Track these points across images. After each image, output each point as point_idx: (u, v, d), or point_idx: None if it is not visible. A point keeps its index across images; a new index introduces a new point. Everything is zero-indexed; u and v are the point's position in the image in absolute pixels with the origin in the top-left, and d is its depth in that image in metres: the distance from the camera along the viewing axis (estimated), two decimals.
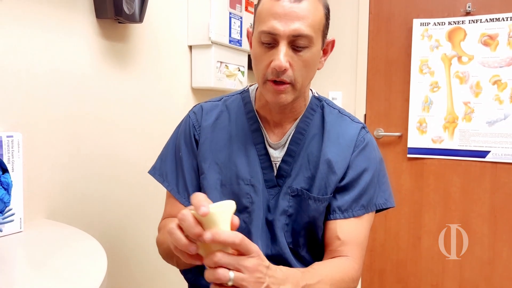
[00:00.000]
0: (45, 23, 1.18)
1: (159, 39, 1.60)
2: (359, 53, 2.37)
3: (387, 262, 2.40)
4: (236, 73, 1.87)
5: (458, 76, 2.16)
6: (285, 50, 0.84)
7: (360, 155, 0.97)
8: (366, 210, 0.97)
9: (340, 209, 0.95)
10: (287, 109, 0.96)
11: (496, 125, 2.09)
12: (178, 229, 0.65)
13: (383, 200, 1.00)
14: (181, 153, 1.02)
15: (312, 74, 0.92)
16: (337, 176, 0.95)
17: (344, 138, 0.98)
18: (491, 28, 2.09)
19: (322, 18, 0.88)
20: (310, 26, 0.84)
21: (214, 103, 1.05)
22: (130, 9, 1.34)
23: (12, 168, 1.03)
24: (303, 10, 0.84)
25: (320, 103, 1.03)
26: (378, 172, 1.00)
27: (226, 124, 1.01)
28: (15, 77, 1.11)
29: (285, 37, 0.84)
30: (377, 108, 2.38)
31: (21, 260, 0.90)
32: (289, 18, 0.83)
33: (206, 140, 1.00)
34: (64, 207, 1.25)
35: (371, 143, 1.00)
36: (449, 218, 2.23)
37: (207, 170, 0.98)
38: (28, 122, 1.14)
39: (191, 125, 1.02)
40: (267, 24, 0.85)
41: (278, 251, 0.96)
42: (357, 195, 0.96)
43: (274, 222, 0.96)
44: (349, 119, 1.03)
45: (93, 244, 0.98)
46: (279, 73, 0.85)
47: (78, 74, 1.28)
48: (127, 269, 1.51)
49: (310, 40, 0.85)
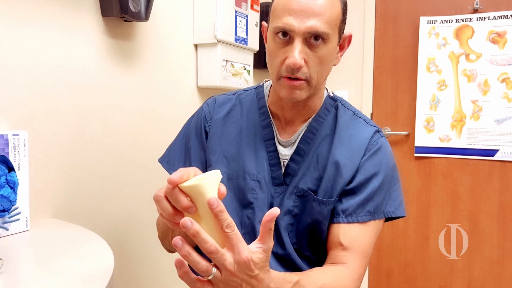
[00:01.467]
0: (51, 22, 1.17)
1: (164, 37, 1.59)
2: (366, 52, 2.36)
3: (394, 262, 2.38)
4: (242, 72, 1.86)
5: (465, 74, 2.14)
6: (300, 47, 0.83)
7: (371, 159, 0.93)
8: (372, 217, 0.92)
9: (344, 213, 0.92)
10: (299, 106, 0.94)
11: (504, 123, 2.07)
12: (165, 198, 0.64)
13: (393, 208, 0.95)
14: (190, 143, 1.02)
15: (328, 70, 0.90)
16: (344, 180, 0.92)
17: (356, 141, 0.94)
18: (499, 26, 2.06)
19: (339, 14, 0.86)
20: (326, 23, 0.82)
21: (228, 97, 1.05)
22: (135, 7, 1.33)
23: (18, 167, 1.02)
24: (319, 6, 0.82)
25: (335, 103, 1.00)
26: (390, 179, 0.95)
27: (238, 118, 1.01)
28: (22, 76, 1.11)
29: (301, 34, 0.82)
30: (384, 107, 2.36)
31: (28, 259, 0.90)
32: (305, 14, 0.81)
33: (216, 133, 1.00)
34: (70, 206, 1.25)
35: (384, 147, 0.96)
36: (457, 217, 2.21)
37: (215, 162, 0.98)
38: (34, 120, 1.14)
39: (202, 117, 1.02)
40: (282, 20, 0.83)
41: (283, 251, 0.95)
42: (363, 200, 0.92)
43: (278, 221, 0.94)
44: (363, 121, 0.99)
45: (100, 243, 0.98)
46: (293, 70, 0.84)
47: (84, 73, 1.28)
48: (134, 268, 1.50)
49: (326, 36, 0.83)
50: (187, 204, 0.62)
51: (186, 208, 0.63)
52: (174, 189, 0.62)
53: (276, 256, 0.95)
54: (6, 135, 0.99)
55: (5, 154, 0.99)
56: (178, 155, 1.04)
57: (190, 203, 0.63)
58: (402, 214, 0.96)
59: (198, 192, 0.62)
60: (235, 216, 0.96)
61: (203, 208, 0.63)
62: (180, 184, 0.62)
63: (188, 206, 0.62)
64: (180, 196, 0.62)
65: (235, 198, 0.97)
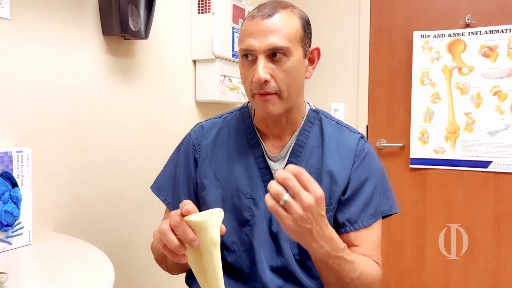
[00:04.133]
0: (53, 41, 1.21)
1: (164, 54, 1.63)
2: (361, 65, 2.40)
3: (391, 273, 2.39)
4: (239, 86, 1.90)
5: (458, 87, 2.18)
6: (263, 63, 0.89)
7: (361, 166, 0.99)
8: (375, 218, 0.98)
9: (350, 222, 0.97)
10: (281, 120, 0.99)
11: (497, 135, 2.11)
12: (171, 231, 0.69)
13: (388, 206, 1.03)
14: (179, 170, 1.07)
15: (297, 83, 0.94)
16: (340, 187, 0.97)
17: (344, 149, 1.00)
18: (490, 40, 2.11)
19: (298, 29, 0.92)
20: (284, 38, 0.89)
21: (214, 121, 1.09)
22: (135, 26, 1.38)
23: (21, 183, 1.05)
24: (275, 24, 0.89)
25: (318, 115, 1.05)
26: (381, 180, 1.02)
27: (226, 140, 1.05)
28: (25, 94, 1.14)
29: (262, 52, 0.89)
30: (379, 119, 2.40)
31: (30, 273, 0.92)
32: (263, 33, 0.88)
33: (207, 158, 1.04)
34: (72, 220, 1.28)
35: (370, 152, 1.02)
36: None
37: (208, 186, 1.01)
38: (37, 137, 1.17)
39: (191, 144, 1.06)
40: (244, 43, 0.91)
41: (283, 263, 0.97)
42: (363, 205, 0.97)
43: (279, 234, 0.97)
44: (347, 130, 1.05)
45: (101, 256, 1.00)
46: (261, 85, 0.90)
47: (85, 90, 1.32)
48: (134, 281, 1.52)
49: (287, 50, 0.89)
50: (193, 237, 0.67)
51: (191, 241, 0.67)
52: (183, 221, 0.66)
53: (275, 269, 0.97)
54: (10, 152, 1.03)
55: (9, 170, 1.02)
56: (167, 181, 1.08)
57: (195, 236, 0.67)
58: (396, 210, 1.04)
59: (204, 227, 0.65)
60: (234, 235, 0.99)
61: (204, 243, 0.66)
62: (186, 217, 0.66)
63: (193, 239, 0.67)
64: (187, 229, 0.67)
65: (232, 218, 1.00)
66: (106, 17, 1.33)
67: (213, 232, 0.65)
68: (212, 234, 0.65)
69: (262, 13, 0.90)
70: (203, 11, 1.73)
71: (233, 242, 1.00)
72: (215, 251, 0.67)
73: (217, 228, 0.67)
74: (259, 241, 0.97)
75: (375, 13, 2.38)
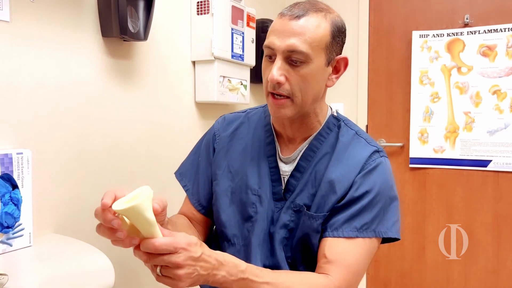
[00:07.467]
0: (53, 43, 1.22)
1: (163, 55, 1.63)
2: (360, 65, 2.41)
3: (391, 272, 2.40)
4: (238, 87, 1.90)
5: (458, 86, 2.18)
6: (280, 63, 0.88)
7: (366, 177, 0.93)
8: (359, 233, 0.91)
9: (331, 227, 0.92)
10: (295, 124, 0.98)
11: (496, 134, 2.11)
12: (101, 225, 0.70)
13: (385, 228, 0.93)
14: (200, 158, 1.10)
15: (313, 90, 0.92)
16: (336, 196, 0.93)
17: (353, 159, 0.95)
18: (489, 39, 2.12)
19: (325, 36, 0.89)
20: (306, 43, 0.87)
21: (237, 114, 1.12)
22: (135, 27, 1.38)
23: (21, 184, 1.06)
24: (301, 27, 0.87)
25: (338, 122, 1.02)
26: (385, 198, 0.94)
27: (245, 134, 1.06)
28: (25, 95, 1.15)
29: (281, 52, 0.88)
30: (379, 119, 2.40)
31: (31, 274, 0.92)
32: (286, 34, 0.87)
33: (223, 149, 1.06)
34: (72, 222, 1.28)
35: (382, 167, 0.95)
36: None
37: (220, 176, 1.04)
38: (37, 139, 1.18)
39: (212, 134, 1.10)
40: (268, 39, 0.91)
41: (275, 264, 0.97)
42: (350, 216, 0.92)
43: (274, 235, 0.98)
44: (365, 141, 0.99)
45: (101, 258, 1.01)
46: (275, 85, 0.89)
47: (85, 91, 1.32)
48: (135, 283, 1.53)
49: (306, 56, 0.87)
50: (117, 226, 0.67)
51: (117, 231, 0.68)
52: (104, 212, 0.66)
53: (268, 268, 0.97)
54: (11, 154, 1.03)
55: (9, 172, 1.03)
56: (189, 169, 1.12)
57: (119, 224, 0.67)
58: (393, 235, 0.94)
59: (135, 212, 0.65)
60: (237, 228, 1.01)
61: (142, 226, 0.66)
62: (114, 206, 0.66)
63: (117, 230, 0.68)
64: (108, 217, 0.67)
65: (237, 211, 1.01)
66: (105, 19, 1.34)
67: (146, 214, 0.65)
68: (147, 216, 0.65)
69: (292, 13, 0.88)
70: (202, 12, 1.73)
71: (234, 235, 1.01)
72: (155, 230, 0.67)
73: (149, 208, 0.66)
74: (257, 238, 0.98)
75: (374, 13, 2.39)
